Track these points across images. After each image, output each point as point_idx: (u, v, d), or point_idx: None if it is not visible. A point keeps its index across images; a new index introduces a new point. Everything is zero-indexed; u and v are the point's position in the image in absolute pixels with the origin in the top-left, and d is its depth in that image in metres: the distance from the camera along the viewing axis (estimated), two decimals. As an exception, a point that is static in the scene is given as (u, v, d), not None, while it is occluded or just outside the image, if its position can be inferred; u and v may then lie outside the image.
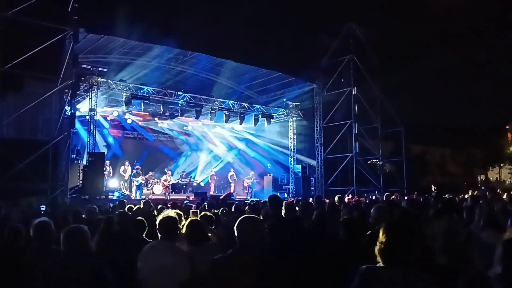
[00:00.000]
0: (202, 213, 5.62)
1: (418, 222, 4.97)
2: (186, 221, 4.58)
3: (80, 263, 2.97)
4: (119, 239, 4.61)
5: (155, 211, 7.78)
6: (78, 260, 2.99)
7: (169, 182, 21.60)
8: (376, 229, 4.80)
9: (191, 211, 6.09)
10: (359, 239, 4.48)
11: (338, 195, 11.96)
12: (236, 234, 3.23)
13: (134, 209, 8.46)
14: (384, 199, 13.01)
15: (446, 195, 10.73)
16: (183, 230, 4.00)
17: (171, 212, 4.01)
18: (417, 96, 26.24)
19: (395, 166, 24.38)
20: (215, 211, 7.58)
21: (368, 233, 4.56)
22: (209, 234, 4.44)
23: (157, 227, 3.79)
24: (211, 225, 6.17)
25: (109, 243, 4.53)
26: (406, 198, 11.58)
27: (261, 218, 5.06)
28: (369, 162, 24.20)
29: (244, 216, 3.40)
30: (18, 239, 4.03)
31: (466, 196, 11.68)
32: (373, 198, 14.74)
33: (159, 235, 3.81)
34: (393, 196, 13.13)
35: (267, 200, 6.30)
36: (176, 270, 3.58)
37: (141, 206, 8.63)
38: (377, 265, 2.54)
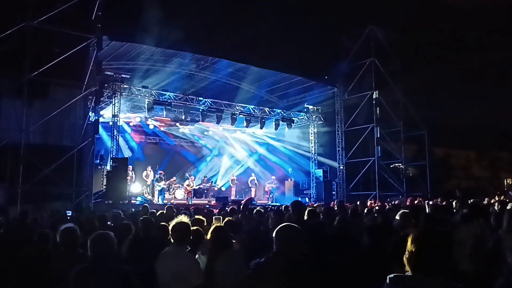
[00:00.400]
0: (226, 219, 5.62)
1: (447, 228, 4.86)
2: (208, 226, 4.60)
3: (107, 269, 3.02)
4: (144, 245, 4.65)
5: (178, 216, 7.82)
6: (105, 266, 3.03)
7: (192, 187, 21.74)
8: (402, 235, 4.74)
9: (214, 217, 6.10)
10: (384, 245, 4.41)
11: (360, 200, 11.85)
12: (274, 241, 3.19)
13: (157, 214, 8.53)
14: (407, 203, 12.82)
15: (471, 200, 10.50)
16: (208, 236, 4.01)
17: (184, 218, 4.02)
18: (440, 99, 25.74)
19: (418, 170, 24.00)
20: (237, 216, 7.58)
21: (393, 239, 4.49)
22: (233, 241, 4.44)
23: (170, 233, 3.82)
24: (235, 231, 6.18)
25: (135, 249, 4.58)
26: (430, 202, 11.37)
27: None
28: (391, 166, 23.89)
29: (285, 224, 3.35)
30: (47, 244, 4.11)
31: (493, 200, 11.42)
32: (396, 203, 14.55)
33: (172, 241, 3.84)
34: (416, 201, 12.92)
35: (288, 205, 6.27)
36: (188, 276, 3.59)
37: (164, 211, 8.68)
38: (406, 273, 2.49)
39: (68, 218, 10.31)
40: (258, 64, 22.07)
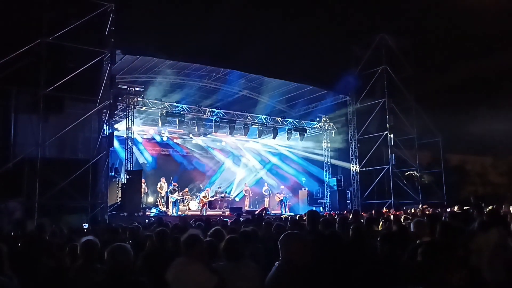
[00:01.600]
0: (242, 230, 5.62)
1: (460, 238, 4.78)
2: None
3: (123, 282, 3.04)
4: (159, 256, 4.67)
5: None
6: (122, 278, 3.05)
7: (207, 198, 21.79)
8: (417, 244, 4.68)
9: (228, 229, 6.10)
10: (400, 255, 4.36)
11: (375, 209, 11.75)
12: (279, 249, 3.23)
13: (171, 226, 8.55)
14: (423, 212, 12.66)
15: (488, 207, 10.33)
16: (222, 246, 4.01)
17: (195, 231, 4.05)
18: (454, 105, 25.45)
19: (433, 177, 23.73)
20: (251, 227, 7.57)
21: (409, 248, 4.43)
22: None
23: (181, 244, 3.83)
24: (251, 241, 6.16)
25: (151, 261, 4.60)
26: (448, 210, 11.22)
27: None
28: (406, 174, 23.68)
29: (287, 232, 3.38)
30: (65, 256, 4.14)
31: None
32: (412, 211, 14.38)
33: (183, 252, 3.85)
34: (438, 210, 12.75)
35: (302, 214, 6.24)
36: (197, 286, 3.59)
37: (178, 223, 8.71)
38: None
39: (85, 230, 10.41)
40: (270, 75, 22.16)
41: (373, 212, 11.28)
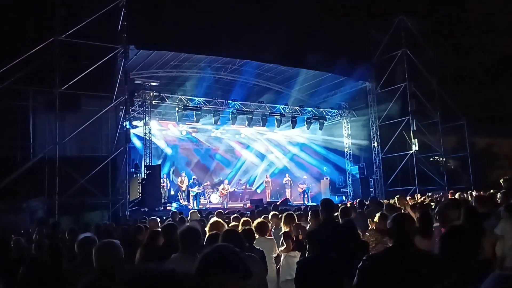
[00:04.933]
0: (242, 220, 5.41)
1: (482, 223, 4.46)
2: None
3: (113, 280, 2.87)
4: (163, 251, 4.49)
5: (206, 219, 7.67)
6: (112, 276, 2.88)
7: (227, 190, 21.70)
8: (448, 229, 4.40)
9: (231, 217, 5.90)
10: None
11: (397, 196, 11.36)
12: None
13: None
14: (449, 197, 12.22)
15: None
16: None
17: (196, 224, 3.83)
18: (478, 86, 24.61)
19: (459, 162, 23.06)
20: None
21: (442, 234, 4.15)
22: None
23: (178, 239, 3.61)
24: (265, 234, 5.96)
25: (153, 256, 4.42)
26: (474, 194, 10.77)
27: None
28: (430, 159, 23.07)
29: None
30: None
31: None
32: (437, 197, 13.94)
33: (180, 247, 3.61)
34: (456, 194, 12.30)
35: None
36: None
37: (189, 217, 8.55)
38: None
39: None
40: (287, 63, 21.80)
41: (395, 199, 10.91)
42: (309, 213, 6.12)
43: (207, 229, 4.76)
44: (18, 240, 6.27)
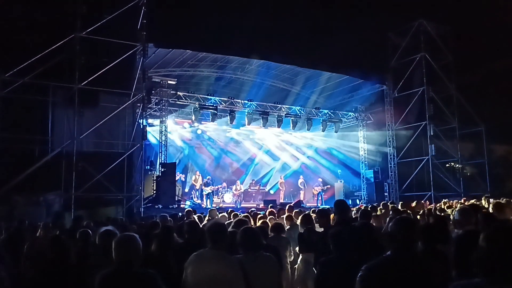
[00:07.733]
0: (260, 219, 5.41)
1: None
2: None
3: (132, 273, 2.90)
4: (180, 248, 4.53)
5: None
6: (130, 270, 2.91)
7: (239, 190, 21.73)
8: (461, 234, 4.35)
9: (258, 217, 5.92)
10: (438, 248, 4.06)
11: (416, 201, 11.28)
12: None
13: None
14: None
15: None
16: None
17: (222, 219, 3.84)
18: (498, 93, 24.23)
19: (476, 169, 22.73)
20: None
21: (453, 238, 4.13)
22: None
23: (206, 234, 3.58)
24: (279, 232, 5.98)
25: (168, 252, 4.45)
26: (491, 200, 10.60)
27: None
28: (447, 165, 22.78)
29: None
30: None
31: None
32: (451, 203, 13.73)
33: (208, 244, 3.59)
34: (472, 200, 12.14)
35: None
36: (228, 282, 3.36)
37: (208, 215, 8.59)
38: (473, 279, 2.09)
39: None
40: (303, 65, 21.74)
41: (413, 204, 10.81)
42: (316, 214, 6.14)
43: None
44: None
